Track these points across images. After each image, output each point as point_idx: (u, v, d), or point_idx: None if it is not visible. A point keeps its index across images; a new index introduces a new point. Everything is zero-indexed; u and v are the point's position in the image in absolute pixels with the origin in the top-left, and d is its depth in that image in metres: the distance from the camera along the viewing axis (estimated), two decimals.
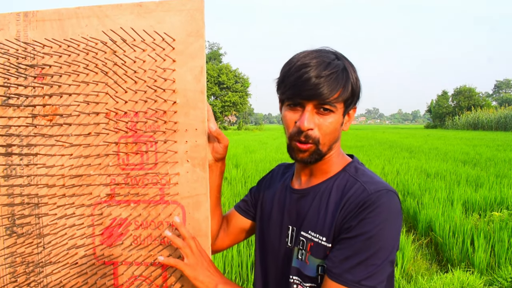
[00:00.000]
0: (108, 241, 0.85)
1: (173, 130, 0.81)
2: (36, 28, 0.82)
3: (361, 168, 0.81)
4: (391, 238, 0.69)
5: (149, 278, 0.84)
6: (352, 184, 0.76)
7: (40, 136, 0.83)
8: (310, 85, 0.71)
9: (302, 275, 0.78)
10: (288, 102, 0.76)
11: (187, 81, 0.80)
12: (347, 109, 0.77)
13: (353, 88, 0.75)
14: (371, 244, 0.68)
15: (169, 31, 0.79)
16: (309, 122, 0.73)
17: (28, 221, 0.86)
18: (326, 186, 0.79)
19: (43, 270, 0.86)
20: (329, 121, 0.74)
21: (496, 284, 2.72)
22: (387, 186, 0.73)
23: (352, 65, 0.77)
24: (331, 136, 0.76)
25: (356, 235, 0.69)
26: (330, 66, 0.72)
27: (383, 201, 0.70)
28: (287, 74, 0.75)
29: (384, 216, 0.69)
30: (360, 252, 0.68)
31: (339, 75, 0.72)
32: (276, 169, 1.01)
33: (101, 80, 0.81)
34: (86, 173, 0.84)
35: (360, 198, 0.71)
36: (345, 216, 0.72)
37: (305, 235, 0.78)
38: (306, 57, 0.74)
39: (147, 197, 0.83)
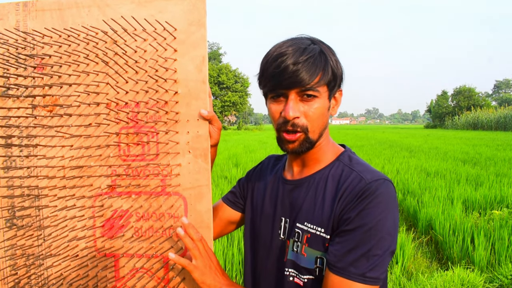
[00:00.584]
0: (109, 233, 0.84)
1: (175, 121, 0.80)
2: (35, 18, 0.82)
3: (354, 157, 0.80)
4: (391, 228, 0.68)
5: (150, 270, 0.83)
6: (348, 173, 0.75)
7: (40, 127, 0.83)
8: (289, 73, 0.70)
9: (298, 267, 0.76)
10: (271, 94, 0.76)
11: (189, 71, 0.79)
12: (332, 92, 0.76)
13: (334, 70, 0.74)
14: (372, 235, 0.67)
15: (171, 20, 0.78)
16: (294, 111, 0.72)
17: (28, 213, 0.85)
18: (321, 176, 0.78)
19: (44, 262, 0.85)
20: (314, 107, 0.73)
21: (497, 281, 2.72)
22: (383, 175, 0.73)
23: (330, 48, 0.76)
24: (319, 122, 0.75)
25: (357, 227, 0.68)
26: (306, 51, 0.71)
27: (382, 191, 0.69)
28: (265, 66, 0.74)
29: (383, 206, 0.68)
30: (362, 244, 0.67)
31: (316, 58, 0.71)
32: (265, 160, 0.99)
33: (101, 70, 0.81)
34: (86, 164, 0.83)
35: (358, 188, 0.70)
36: (344, 207, 0.71)
37: (300, 227, 0.76)
38: (282, 47, 0.73)
39: (149, 189, 0.82)
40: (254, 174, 0.97)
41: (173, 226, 0.82)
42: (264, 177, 0.93)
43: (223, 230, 0.99)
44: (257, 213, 0.89)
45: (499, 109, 35.60)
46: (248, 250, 0.91)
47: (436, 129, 42.13)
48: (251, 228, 0.91)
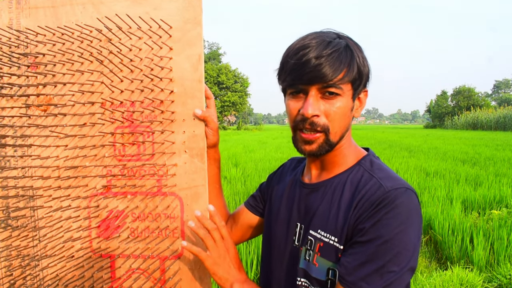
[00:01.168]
0: (105, 233, 0.83)
1: (171, 120, 0.79)
2: (29, 16, 0.81)
3: (376, 162, 0.74)
4: (411, 242, 0.61)
5: (147, 271, 0.83)
6: (367, 179, 0.69)
7: (34, 127, 0.82)
8: (310, 67, 0.64)
9: (309, 277, 0.71)
10: (290, 90, 0.70)
11: (185, 69, 0.78)
12: (356, 91, 0.70)
13: (360, 67, 0.68)
14: (387, 249, 0.60)
15: (166, 18, 0.77)
16: (313, 108, 0.66)
17: (23, 214, 0.84)
18: (339, 181, 0.72)
19: (39, 263, 0.84)
20: (336, 106, 0.67)
21: (495, 281, 2.72)
22: (406, 184, 0.66)
23: (357, 44, 0.71)
24: (341, 123, 0.69)
25: (371, 238, 0.62)
26: (331, 45, 0.66)
27: (402, 201, 0.62)
28: (286, 59, 0.69)
29: (402, 218, 0.61)
30: (375, 258, 0.61)
31: (341, 53, 0.66)
32: (287, 163, 0.94)
33: (96, 69, 0.80)
34: (81, 164, 0.82)
35: (376, 196, 0.64)
36: (359, 216, 0.65)
37: (313, 234, 0.71)
38: (305, 39, 0.68)
39: (144, 189, 0.81)
40: (275, 177, 0.93)
41: (169, 227, 0.82)
42: (284, 180, 0.88)
43: (244, 235, 0.95)
44: (273, 217, 0.85)
45: (498, 109, 35.64)
46: (264, 254, 0.88)
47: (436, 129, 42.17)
48: (267, 233, 0.87)
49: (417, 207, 0.65)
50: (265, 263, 0.87)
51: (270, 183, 0.93)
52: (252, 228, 0.94)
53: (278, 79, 0.74)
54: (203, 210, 0.81)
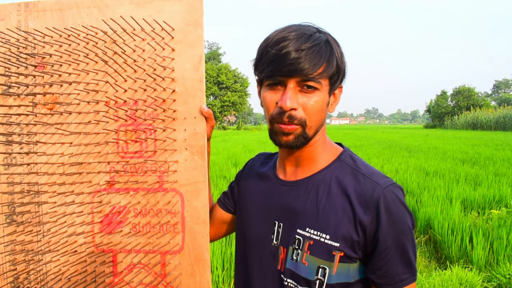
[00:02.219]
0: (107, 228, 0.85)
1: (172, 118, 0.82)
2: (37, 18, 0.83)
3: (357, 157, 0.76)
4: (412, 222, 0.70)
5: (147, 265, 0.85)
6: (355, 176, 0.70)
7: (40, 125, 0.84)
8: (291, 59, 0.64)
9: (297, 278, 0.71)
10: (267, 81, 0.69)
11: (186, 69, 0.81)
12: (333, 87, 0.70)
13: (338, 63, 0.69)
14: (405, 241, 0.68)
15: (168, 21, 0.80)
16: (292, 101, 0.65)
17: (28, 209, 0.86)
18: (322, 178, 0.73)
19: (43, 258, 0.87)
20: (314, 100, 0.67)
21: (495, 280, 2.73)
22: (390, 179, 0.71)
23: (335, 40, 0.71)
24: (318, 117, 0.69)
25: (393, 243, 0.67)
26: (312, 38, 0.65)
27: (399, 195, 0.68)
28: (265, 50, 0.68)
29: (405, 211, 0.68)
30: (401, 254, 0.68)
31: (321, 47, 0.66)
32: (255, 158, 0.93)
33: (101, 69, 0.82)
34: (85, 161, 0.84)
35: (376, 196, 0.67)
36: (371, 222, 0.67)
37: (302, 233, 0.71)
38: (284, 31, 0.67)
39: (146, 185, 0.84)
40: (244, 173, 0.92)
41: (170, 222, 0.84)
42: (254, 175, 0.87)
43: (218, 231, 0.96)
44: (246, 215, 0.84)
45: (498, 109, 35.60)
46: (239, 252, 0.87)
47: (436, 129, 42.13)
48: (241, 231, 0.86)
49: (404, 193, 0.72)
50: (242, 263, 0.85)
51: (239, 179, 0.93)
52: (225, 224, 0.95)
53: (254, 70, 0.73)
54: (202, 205, 0.83)
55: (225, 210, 0.93)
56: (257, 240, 0.80)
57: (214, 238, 0.96)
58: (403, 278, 0.68)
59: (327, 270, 0.68)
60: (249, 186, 0.87)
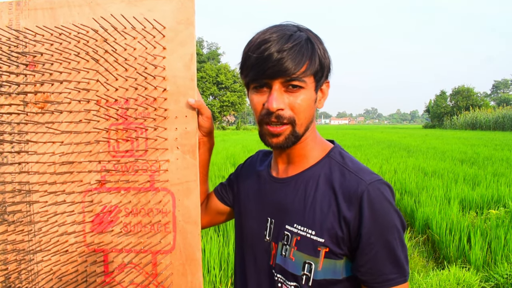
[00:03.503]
0: (98, 228, 0.85)
1: (163, 117, 0.82)
2: (28, 17, 0.83)
3: (346, 154, 0.76)
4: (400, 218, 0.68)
5: (139, 265, 0.85)
6: (342, 172, 0.71)
7: (31, 124, 0.84)
8: (273, 61, 0.65)
9: (285, 273, 0.73)
10: (253, 84, 0.71)
11: (177, 68, 0.80)
12: (319, 83, 0.71)
13: (321, 60, 0.69)
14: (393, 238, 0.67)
15: (160, 19, 0.80)
16: (278, 102, 0.67)
17: (19, 209, 0.86)
18: (311, 175, 0.74)
19: (34, 257, 0.86)
20: (300, 98, 0.68)
21: (492, 280, 2.73)
22: (376, 174, 0.71)
23: (317, 36, 0.71)
24: (306, 115, 0.70)
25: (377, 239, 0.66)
26: (292, 38, 0.66)
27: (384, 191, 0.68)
28: (247, 54, 0.69)
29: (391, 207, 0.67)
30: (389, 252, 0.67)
31: (303, 46, 0.66)
32: (255, 155, 0.95)
33: (92, 67, 0.82)
34: (76, 160, 0.84)
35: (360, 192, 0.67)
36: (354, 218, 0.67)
37: (290, 229, 0.73)
38: (265, 33, 0.68)
39: (137, 184, 0.83)
40: (243, 169, 0.94)
41: (161, 221, 0.84)
42: (252, 172, 0.89)
43: (212, 220, 0.98)
44: (243, 212, 0.86)
45: (497, 109, 35.63)
46: (237, 249, 0.89)
47: (435, 129, 42.16)
48: (239, 227, 0.88)
49: (392, 190, 0.70)
50: (239, 258, 0.88)
51: (238, 174, 0.95)
52: (220, 215, 0.97)
53: (240, 74, 0.75)
54: (194, 205, 0.83)
55: (222, 201, 0.95)
56: (252, 237, 0.82)
57: (206, 226, 0.98)
58: (390, 277, 0.66)
59: (313, 265, 0.69)
60: (247, 184, 0.89)
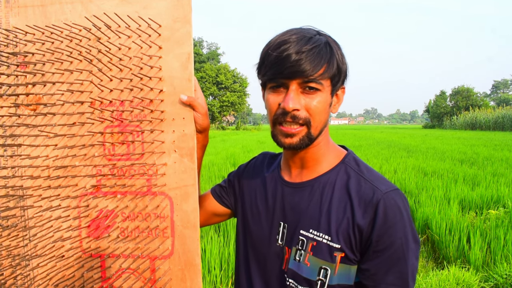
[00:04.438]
0: (95, 233, 0.83)
1: (160, 120, 0.79)
2: (18, 15, 0.80)
3: (360, 161, 0.76)
4: (415, 234, 0.68)
5: (137, 271, 0.82)
6: (358, 180, 0.71)
7: (23, 127, 0.81)
8: (292, 62, 0.66)
9: (298, 278, 0.72)
10: (270, 84, 0.71)
11: (174, 68, 0.78)
12: (335, 88, 0.72)
13: (339, 64, 0.70)
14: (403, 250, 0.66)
15: (155, 17, 0.77)
16: (294, 102, 0.67)
17: (13, 214, 0.84)
18: (327, 181, 0.74)
19: (30, 263, 0.84)
20: (317, 100, 0.68)
21: (492, 280, 2.72)
22: (393, 184, 0.71)
23: (336, 42, 0.73)
24: (321, 118, 0.70)
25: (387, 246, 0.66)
26: (312, 41, 0.68)
27: (398, 202, 0.68)
28: (266, 54, 0.70)
29: (405, 218, 0.67)
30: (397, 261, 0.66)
31: (322, 49, 0.67)
32: (260, 157, 0.94)
33: (85, 68, 0.80)
34: (71, 164, 0.82)
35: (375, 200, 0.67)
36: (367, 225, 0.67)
37: (305, 234, 0.72)
38: (285, 35, 0.69)
39: (134, 188, 0.81)
40: (246, 171, 0.92)
41: (159, 227, 0.81)
42: (258, 175, 0.88)
43: (208, 220, 0.96)
44: (250, 215, 0.85)
45: (497, 109, 35.69)
46: (241, 251, 0.87)
47: (434, 129, 42.21)
48: (244, 229, 0.86)
49: (407, 201, 0.70)
50: (244, 262, 0.86)
51: (241, 175, 0.93)
52: (216, 216, 0.95)
53: (258, 74, 0.75)
54: (192, 209, 0.81)
55: (221, 203, 0.93)
56: (262, 240, 0.81)
57: (202, 226, 0.96)
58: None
59: (328, 271, 0.69)
60: (252, 186, 0.87)
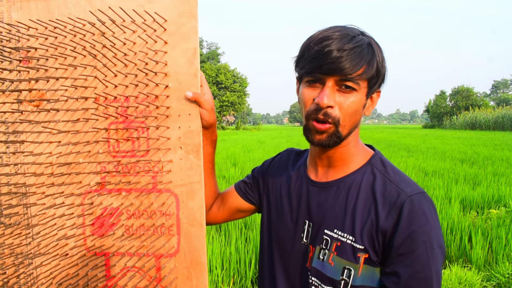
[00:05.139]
0: (99, 231, 0.82)
1: (166, 116, 0.78)
2: (20, 9, 0.79)
3: (387, 161, 0.75)
4: (441, 240, 0.67)
5: (142, 269, 0.81)
6: (383, 182, 0.70)
7: (26, 123, 0.80)
8: (332, 58, 0.65)
9: (322, 277, 0.72)
10: (307, 78, 0.71)
11: (180, 64, 0.77)
12: (371, 90, 0.71)
13: (379, 67, 0.69)
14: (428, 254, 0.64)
15: (160, 12, 0.76)
16: (329, 99, 0.67)
17: (16, 211, 0.83)
18: (353, 181, 0.73)
19: (33, 261, 0.83)
20: (350, 100, 0.68)
21: (494, 280, 2.71)
22: (419, 187, 0.69)
23: (378, 44, 0.72)
24: (352, 118, 0.70)
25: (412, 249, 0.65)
26: (355, 40, 0.67)
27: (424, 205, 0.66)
28: (307, 47, 0.69)
29: (430, 222, 0.65)
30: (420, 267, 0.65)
31: (363, 49, 0.67)
32: (285, 153, 0.93)
33: (89, 63, 0.78)
34: (75, 161, 0.81)
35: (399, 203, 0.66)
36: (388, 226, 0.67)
37: (330, 234, 0.72)
38: (328, 31, 0.69)
39: (139, 186, 0.80)
40: (271, 167, 0.92)
41: (165, 224, 0.80)
42: (284, 172, 0.87)
43: (231, 216, 0.96)
44: (275, 213, 0.85)
45: (497, 109, 35.70)
46: (265, 248, 0.87)
47: (434, 129, 42.17)
48: (268, 226, 0.86)
49: (434, 205, 0.68)
50: (268, 258, 0.86)
51: (265, 172, 0.92)
52: (240, 211, 0.95)
53: (295, 66, 0.75)
54: (198, 207, 0.80)
55: (246, 200, 0.93)
56: (287, 238, 0.81)
57: (225, 221, 0.98)
58: None
59: (352, 271, 0.69)
60: (278, 183, 0.87)
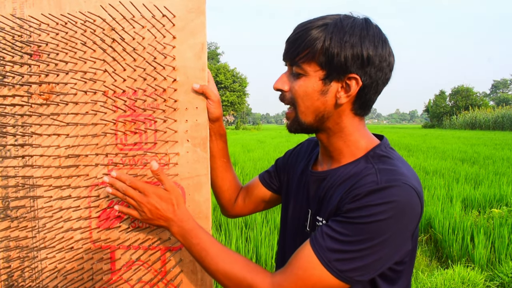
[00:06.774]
0: (105, 224, 0.82)
1: (173, 109, 0.79)
2: (33, 5, 0.80)
3: (385, 153, 0.70)
4: (392, 239, 0.60)
5: (147, 262, 0.82)
6: (367, 171, 0.66)
7: (35, 116, 0.81)
8: (286, 45, 0.69)
9: None
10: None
11: (188, 58, 0.78)
12: (330, 74, 0.65)
13: (331, 50, 0.63)
14: (363, 231, 0.60)
15: (170, 7, 0.77)
16: (278, 82, 0.71)
17: (23, 204, 0.83)
18: (343, 172, 0.71)
19: (38, 254, 0.84)
20: (298, 84, 0.68)
21: (497, 279, 2.71)
22: (405, 179, 0.62)
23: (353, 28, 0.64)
24: (306, 103, 0.68)
25: (351, 218, 0.61)
26: (310, 24, 0.65)
27: (394, 196, 0.60)
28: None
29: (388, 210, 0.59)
30: (347, 236, 0.61)
31: (310, 33, 0.64)
32: (305, 143, 0.93)
33: (99, 57, 0.79)
34: (83, 153, 0.81)
35: (367, 188, 0.62)
36: (345, 198, 0.65)
37: (320, 220, 0.73)
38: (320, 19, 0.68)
39: (146, 178, 0.80)
40: (291, 156, 0.92)
41: None
42: (300, 162, 0.88)
43: (256, 207, 0.97)
44: (290, 200, 0.85)
45: (496, 109, 35.66)
46: (280, 235, 0.89)
47: (434, 128, 42.13)
48: (284, 214, 0.87)
49: (411, 205, 0.61)
50: (280, 244, 0.88)
51: (286, 161, 0.93)
52: (265, 202, 0.97)
53: None
54: (204, 200, 0.80)
55: (269, 189, 0.95)
56: (295, 226, 0.82)
57: (252, 213, 0.99)
58: (314, 239, 0.64)
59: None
60: (292, 174, 0.88)
